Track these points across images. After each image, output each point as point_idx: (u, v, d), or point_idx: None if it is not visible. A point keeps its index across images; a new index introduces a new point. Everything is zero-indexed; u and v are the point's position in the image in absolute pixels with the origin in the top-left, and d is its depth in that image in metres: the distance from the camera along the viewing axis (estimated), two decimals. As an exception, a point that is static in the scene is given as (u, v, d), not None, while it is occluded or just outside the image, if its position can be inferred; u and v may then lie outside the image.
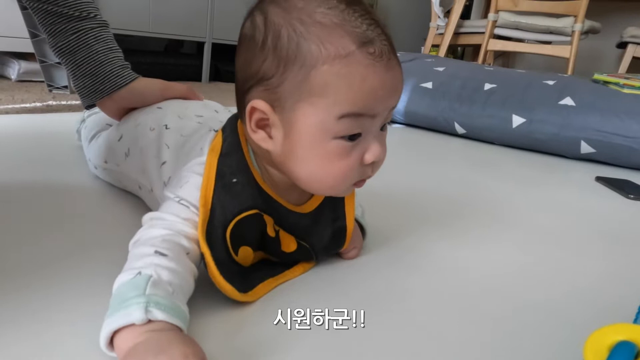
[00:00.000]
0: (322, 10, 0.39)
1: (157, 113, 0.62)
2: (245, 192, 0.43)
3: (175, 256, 0.38)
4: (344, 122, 0.40)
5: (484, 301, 0.50)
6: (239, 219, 0.42)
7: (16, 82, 1.77)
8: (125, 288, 0.35)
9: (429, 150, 1.33)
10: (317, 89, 0.39)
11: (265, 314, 0.43)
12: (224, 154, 0.44)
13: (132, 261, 0.38)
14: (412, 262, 0.57)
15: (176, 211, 0.42)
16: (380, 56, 0.40)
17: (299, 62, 0.39)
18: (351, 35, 0.39)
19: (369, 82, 0.39)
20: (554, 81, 1.45)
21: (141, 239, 0.40)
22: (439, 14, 2.77)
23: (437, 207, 0.80)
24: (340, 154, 0.41)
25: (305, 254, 0.50)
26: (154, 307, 0.33)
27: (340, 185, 0.45)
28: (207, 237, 0.41)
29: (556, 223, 0.79)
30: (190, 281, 0.39)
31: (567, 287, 0.56)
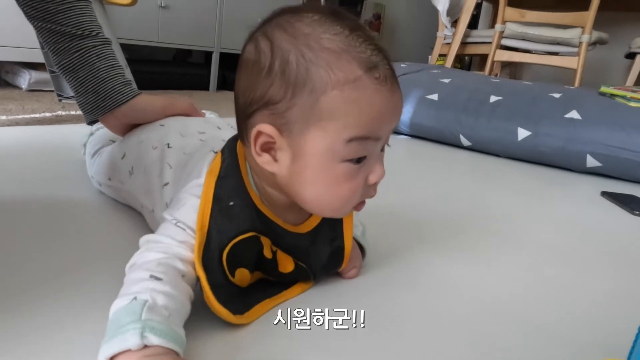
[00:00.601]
0: (329, 37, 0.40)
1: (160, 131, 0.63)
2: (242, 214, 0.44)
3: (171, 280, 0.39)
4: (352, 145, 0.41)
5: (481, 322, 0.50)
6: (236, 242, 0.43)
7: (27, 91, 1.80)
8: (121, 314, 0.35)
9: (433, 162, 1.33)
10: (327, 114, 0.40)
11: (262, 336, 0.43)
12: (221, 176, 0.45)
13: (127, 286, 0.38)
14: (410, 281, 0.57)
15: (173, 234, 0.42)
16: (385, 80, 0.41)
17: (308, 87, 0.40)
18: (357, 60, 0.40)
19: (376, 106, 0.40)
20: (560, 94, 1.45)
21: (137, 263, 0.40)
22: (446, 24, 2.77)
23: (439, 222, 0.80)
24: (347, 177, 0.42)
25: (302, 274, 0.50)
26: (150, 332, 0.34)
27: (345, 207, 0.45)
28: (203, 260, 0.41)
29: (559, 239, 0.79)
30: (186, 304, 0.39)
31: (568, 308, 0.55)
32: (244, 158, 0.47)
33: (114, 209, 0.69)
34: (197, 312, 0.42)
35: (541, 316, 0.53)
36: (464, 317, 0.51)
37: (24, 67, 1.84)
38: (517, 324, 0.51)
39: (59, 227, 0.62)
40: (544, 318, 0.53)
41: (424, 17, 4.00)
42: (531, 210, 0.94)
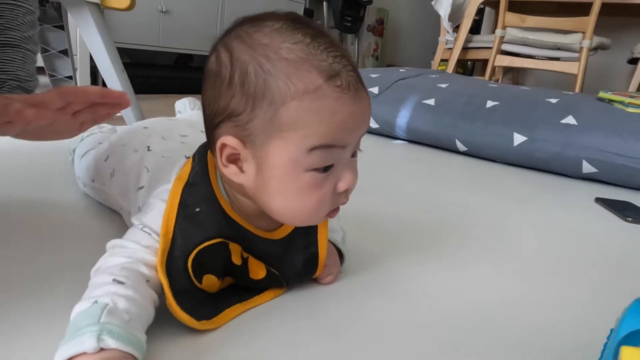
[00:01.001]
0: (288, 46, 0.40)
1: (142, 134, 0.63)
2: (208, 221, 0.44)
3: (134, 284, 0.39)
4: (315, 154, 0.40)
5: (457, 333, 0.49)
6: (201, 248, 0.43)
7: (27, 95, 1.82)
8: (80, 317, 0.35)
9: (428, 167, 1.32)
10: (287, 125, 0.40)
11: (228, 340, 0.43)
12: (190, 183, 0.45)
13: (90, 290, 0.38)
14: (387, 288, 0.57)
15: (138, 238, 0.43)
16: (348, 88, 0.40)
17: (267, 99, 0.39)
18: (318, 69, 0.39)
19: (338, 115, 0.40)
20: (557, 99, 1.44)
21: (101, 268, 0.41)
22: (447, 29, 2.77)
23: (425, 229, 0.80)
24: (313, 186, 0.42)
25: (275, 281, 0.50)
26: (107, 335, 0.34)
27: (315, 216, 0.45)
28: (166, 266, 0.41)
29: (548, 246, 0.78)
30: (149, 309, 0.39)
31: (551, 319, 0.54)
32: (214, 165, 0.47)
33: (97, 211, 0.69)
34: (164, 317, 0.42)
35: (513, 325, 0.52)
36: (435, 324, 0.50)
37: (24, 71, 1.85)
38: (486, 332, 0.50)
39: (38, 229, 0.62)
40: (515, 327, 0.52)
41: (427, 23, 4.00)
42: (522, 217, 0.94)
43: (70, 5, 1.34)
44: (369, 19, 3.89)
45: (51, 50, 1.59)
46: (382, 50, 4.13)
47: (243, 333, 0.44)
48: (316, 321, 0.48)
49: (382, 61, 4.12)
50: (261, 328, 0.45)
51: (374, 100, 1.64)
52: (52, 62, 1.62)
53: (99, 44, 1.37)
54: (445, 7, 2.72)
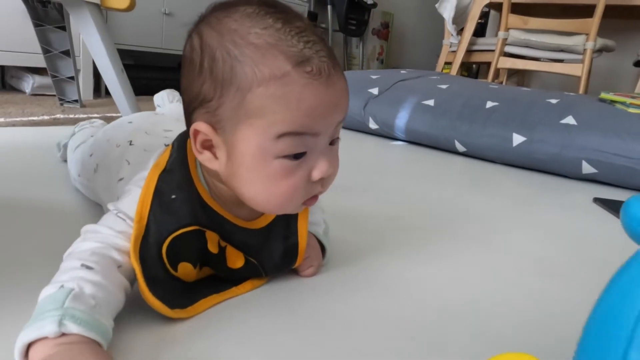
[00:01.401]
0: (256, 31, 0.39)
1: (126, 128, 0.64)
2: (184, 208, 0.44)
3: (103, 269, 0.38)
4: (284, 141, 0.40)
5: (438, 329, 0.49)
6: (176, 235, 0.43)
7: (30, 95, 1.84)
8: (45, 302, 0.35)
9: (427, 168, 1.31)
10: (254, 111, 0.39)
11: (199, 330, 0.43)
12: (167, 170, 0.45)
13: (58, 274, 0.38)
14: (368, 282, 0.56)
15: (112, 224, 0.43)
16: (319, 74, 0.40)
17: (234, 85, 0.39)
18: (286, 54, 0.39)
19: (306, 101, 0.39)
20: (558, 100, 1.42)
21: (73, 252, 0.41)
22: (451, 32, 2.77)
23: (416, 227, 0.79)
24: (284, 174, 0.41)
25: (253, 271, 0.50)
26: (69, 320, 0.34)
27: (288, 204, 0.44)
28: (140, 253, 0.41)
29: (541, 246, 0.77)
30: (118, 295, 0.39)
31: (534, 318, 0.53)
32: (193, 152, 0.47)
33: (86, 206, 0.69)
34: (136, 304, 0.42)
35: (498, 323, 0.51)
36: (417, 320, 0.50)
37: (28, 72, 1.88)
38: (468, 330, 0.49)
39: (24, 224, 0.62)
40: (499, 325, 0.51)
41: (432, 26, 3.99)
42: (519, 217, 0.92)
43: (71, 5, 1.35)
44: (374, 23, 3.89)
45: (53, 51, 1.60)
46: (387, 53, 4.13)
47: (217, 323, 0.44)
48: (294, 314, 0.47)
49: (387, 64, 4.12)
50: (236, 319, 0.45)
51: (373, 101, 1.64)
52: (54, 62, 1.64)
53: (98, 44, 1.37)
54: (449, 10, 2.71)
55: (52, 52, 1.61)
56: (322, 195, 0.62)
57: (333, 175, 0.46)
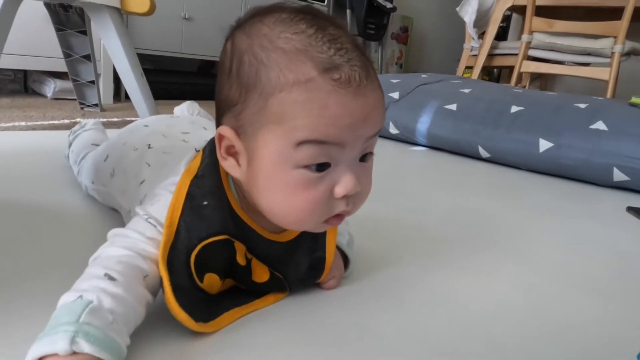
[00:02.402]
0: (287, 36, 0.38)
1: (143, 132, 0.62)
2: (215, 216, 0.42)
3: (126, 281, 0.37)
4: (305, 149, 0.37)
5: (467, 346, 0.46)
6: (206, 243, 0.41)
7: (51, 99, 1.85)
8: (62, 311, 0.34)
9: (449, 174, 1.28)
10: (275, 117, 0.37)
11: (218, 345, 0.40)
12: (199, 175, 0.43)
13: (80, 280, 0.37)
14: (394, 296, 0.53)
15: (141, 229, 0.41)
16: (348, 82, 0.37)
17: (258, 89, 0.38)
18: (314, 61, 0.37)
19: (331, 109, 0.37)
20: (586, 104, 1.38)
21: (99, 257, 0.39)
22: (473, 36, 2.72)
23: (440, 236, 0.76)
24: (303, 185, 0.39)
25: (278, 285, 0.47)
26: (83, 337, 0.32)
27: (306, 220, 0.41)
28: (168, 259, 0.39)
29: (573, 258, 0.73)
30: (138, 310, 0.37)
31: (575, 337, 0.50)
32: None
33: (99, 212, 0.68)
34: (156, 317, 0.40)
35: (527, 342, 0.48)
36: (444, 337, 0.47)
37: (49, 76, 1.90)
38: (499, 347, 0.46)
39: (39, 229, 0.61)
40: (529, 344, 0.47)
41: (452, 30, 3.95)
42: (546, 226, 0.88)
43: (92, 10, 1.35)
44: (393, 27, 3.86)
45: (74, 55, 1.61)
46: (406, 57, 4.09)
47: (236, 338, 0.42)
48: (315, 329, 0.45)
49: (406, 69, 4.08)
50: (256, 333, 0.43)
51: (394, 106, 1.61)
52: (75, 67, 1.65)
53: (118, 48, 1.38)
54: (471, 14, 2.67)
55: (73, 56, 1.62)
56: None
57: (363, 195, 0.43)
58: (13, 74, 2.01)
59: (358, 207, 0.44)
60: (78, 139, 0.78)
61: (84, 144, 0.75)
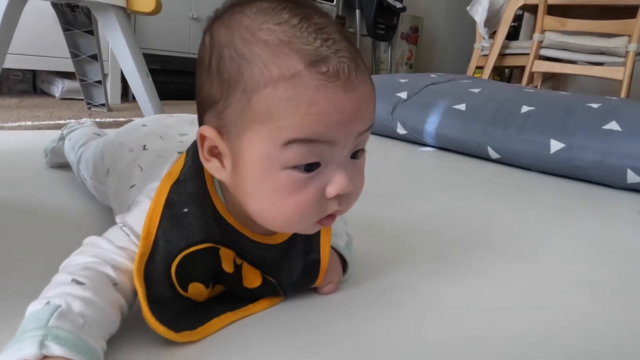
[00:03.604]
0: (269, 27, 0.35)
1: (140, 132, 0.61)
2: (197, 223, 0.40)
3: (94, 285, 0.35)
4: (293, 149, 0.35)
5: (469, 351, 0.43)
6: (186, 253, 0.39)
7: (59, 99, 1.86)
8: (29, 319, 0.32)
9: (458, 175, 1.25)
10: (260, 115, 0.35)
11: (209, 352, 0.39)
12: (180, 180, 0.41)
13: (47, 289, 0.35)
14: (396, 301, 0.51)
15: (113, 237, 0.39)
16: (336, 76, 0.35)
17: (240, 86, 0.36)
18: (299, 53, 0.35)
19: (319, 105, 0.34)
20: (599, 104, 1.34)
21: (67, 265, 0.37)
22: (483, 35, 2.69)
23: (448, 239, 0.74)
24: (292, 187, 0.37)
25: (270, 290, 0.45)
26: (52, 341, 0.30)
27: (297, 223, 0.39)
28: (145, 273, 0.37)
29: (584, 263, 0.70)
30: (111, 314, 0.36)
31: (584, 347, 0.48)
32: None
33: (100, 212, 0.67)
34: (138, 324, 0.38)
35: (537, 353, 0.46)
36: (447, 346, 0.44)
37: (58, 76, 1.90)
38: (500, 350, 0.44)
39: (41, 228, 0.60)
40: (540, 355, 0.45)
41: (462, 30, 3.91)
42: (556, 229, 0.86)
43: (98, 9, 1.35)
44: (403, 27, 3.83)
45: (81, 55, 1.61)
46: (416, 58, 4.06)
47: (228, 345, 0.40)
48: (311, 336, 0.43)
49: (416, 69, 4.05)
50: (249, 340, 0.41)
51: (402, 106, 1.58)
52: (82, 66, 1.65)
53: (124, 48, 1.37)
54: (481, 13, 2.63)
55: (80, 56, 1.62)
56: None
57: (355, 194, 0.41)
58: (22, 74, 2.03)
59: (350, 206, 0.42)
60: (77, 131, 0.76)
61: (84, 133, 0.74)
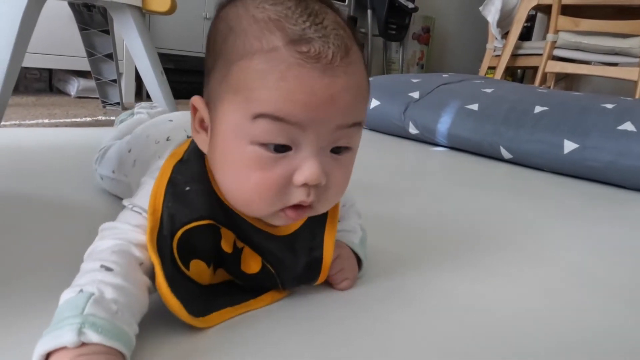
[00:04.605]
0: (264, 6, 0.37)
1: (166, 126, 0.62)
2: (198, 201, 0.41)
3: (123, 270, 0.36)
4: (261, 124, 0.36)
5: (481, 350, 0.44)
6: (188, 228, 0.39)
7: (75, 98, 1.89)
8: (64, 307, 0.33)
9: (470, 175, 1.25)
10: (234, 86, 0.37)
11: (221, 343, 0.39)
12: (183, 160, 0.42)
13: (78, 277, 0.36)
14: (410, 298, 0.52)
15: (128, 219, 0.40)
16: (316, 58, 0.35)
17: (224, 56, 0.37)
18: (283, 31, 0.35)
19: (289, 82, 0.35)
20: (614, 105, 1.33)
21: (92, 252, 0.38)
22: (496, 35, 2.67)
23: (458, 237, 0.74)
24: (257, 164, 0.37)
25: (268, 279, 0.45)
26: (90, 328, 0.31)
27: (258, 203, 0.39)
28: (158, 246, 0.38)
29: (597, 263, 0.70)
30: (141, 297, 0.36)
31: (589, 344, 0.48)
32: None
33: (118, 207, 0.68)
34: (153, 311, 0.39)
35: (549, 353, 0.46)
36: (460, 342, 0.45)
37: (73, 75, 1.93)
38: (512, 349, 0.44)
39: (58, 223, 0.61)
40: (543, 346, 0.45)
41: (474, 30, 3.89)
42: (569, 230, 0.85)
43: (114, 9, 1.37)
44: (415, 27, 3.82)
45: (97, 54, 1.64)
46: (428, 58, 4.05)
47: (240, 337, 0.41)
48: (326, 331, 0.43)
49: (428, 69, 4.03)
50: (262, 333, 0.42)
51: (414, 106, 1.58)
52: (97, 65, 1.67)
53: (139, 47, 1.39)
54: (494, 13, 2.62)
55: (96, 55, 1.64)
56: (359, 200, 0.59)
57: (333, 191, 0.40)
58: (39, 73, 2.06)
59: (326, 205, 0.41)
60: (122, 126, 0.79)
61: (120, 133, 0.76)
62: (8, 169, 0.82)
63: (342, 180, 0.41)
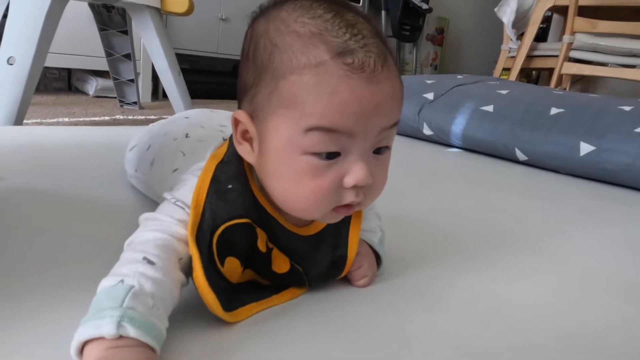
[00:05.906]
0: (303, 20, 0.38)
1: (183, 123, 0.64)
2: (239, 199, 0.42)
3: (164, 265, 0.37)
4: (313, 136, 0.37)
5: (501, 348, 0.44)
6: (228, 225, 0.41)
7: (93, 97, 1.92)
8: (104, 295, 0.34)
9: (485, 177, 1.25)
10: (285, 101, 0.38)
11: (249, 340, 0.40)
12: (224, 161, 0.44)
13: (119, 265, 0.37)
14: (430, 297, 0.52)
15: (171, 212, 0.41)
16: (361, 68, 0.37)
17: (270, 72, 0.38)
18: (327, 45, 0.37)
19: (340, 95, 0.36)
20: (632, 107, 1.32)
21: (134, 242, 0.39)
22: (511, 37, 2.66)
23: (478, 238, 0.74)
24: (311, 173, 0.39)
25: (297, 279, 0.47)
26: (128, 322, 0.32)
27: (314, 208, 0.41)
28: (197, 240, 0.39)
29: (616, 266, 0.69)
30: (174, 293, 0.38)
31: (604, 343, 0.48)
32: None
33: (137, 203, 0.69)
34: (181, 306, 0.40)
35: (556, 342, 0.46)
36: (478, 339, 0.45)
37: (91, 75, 1.96)
38: (529, 348, 0.44)
39: (78, 218, 0.63)
40: (559, 344, 0.46)
41: (488, 31, 3.87)
42: (586, 232, 0.85)
43: (133, 10, 1.39)
44: (429, 28, 3.82)
45: (115, 54, 1.66)
46: (441, 59, 4.04)
47: (264, 332, 0.42)
48: (347, 327, 0.44)
49: (441, 70, 4.02)
50: (285, 328, 0.42)
51: (428, 107, 1.59)
52: (116, 65, 1.70)
53: (157, 47, 1.41)
54: (509, 14, 2.61)
55: (114, 55, 1.67)
56: (377, 200, 0.60)
57: (376, 189, 0.43)
58: (58, 73, 2.10)
59: (370, 201, 0.44)
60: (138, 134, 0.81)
61: (139, 138, 0.77)
62: (30, 165, 0.84)
63: (384, 177, 0.43)
